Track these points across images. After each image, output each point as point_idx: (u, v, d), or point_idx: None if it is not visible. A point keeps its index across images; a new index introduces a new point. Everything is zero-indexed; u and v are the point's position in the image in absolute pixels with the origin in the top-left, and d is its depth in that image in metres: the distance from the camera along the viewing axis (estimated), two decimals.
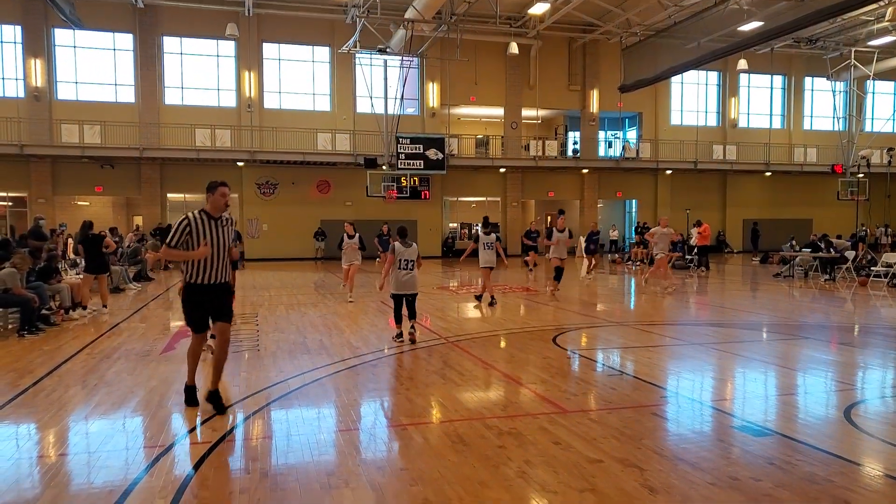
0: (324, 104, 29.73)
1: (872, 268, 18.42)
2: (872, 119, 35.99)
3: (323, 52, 29.53)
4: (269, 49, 28.91)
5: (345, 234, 13.45)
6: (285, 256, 28.69)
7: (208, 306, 5.61)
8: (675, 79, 31.79)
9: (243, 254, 12.03)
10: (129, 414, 5.65)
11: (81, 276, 12.38)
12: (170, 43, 27.85)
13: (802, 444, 4.76)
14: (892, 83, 36.07)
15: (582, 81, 32.18)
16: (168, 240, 5.49)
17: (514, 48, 27.79)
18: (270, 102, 28.97)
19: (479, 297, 13.78)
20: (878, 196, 32.40)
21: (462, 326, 10.50)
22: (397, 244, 8.67)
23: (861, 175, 31.07)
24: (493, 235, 13.08)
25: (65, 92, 26.85)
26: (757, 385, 6.92)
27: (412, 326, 8.97)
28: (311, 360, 7.75)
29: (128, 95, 27.41)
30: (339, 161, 28.51)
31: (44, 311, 10.29)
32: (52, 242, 15.26)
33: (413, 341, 8.77)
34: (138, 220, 28.51)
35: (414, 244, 8.77)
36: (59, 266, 12.63)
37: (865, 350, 8.64)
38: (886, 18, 25.81)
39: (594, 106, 32.30)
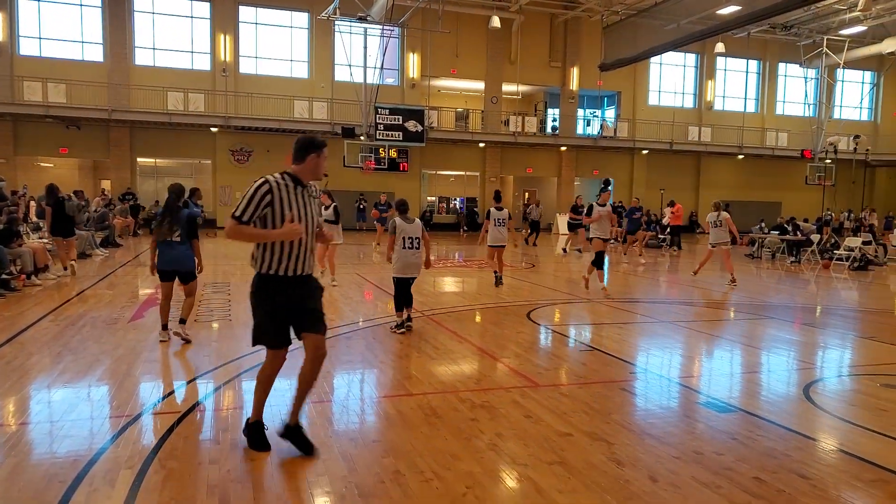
0: (301, 71, 29.21)
1: (836, 251, 18.87)
2: (841, 107, 36.57)
3: (301, 18, 28.93)
4: (245, 12, 28.23)
5: None
6: None
7: (293, 309, 4.10)
8: (654, 59, 31.86)
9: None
10: (95, 383, 5.57)
11: (47, 241, 12.10)
12: (141, 1, 27.01)
13: (764, 421, 4.89)
14: (861, 72, 36.62)
15: (563, 58, 32.06)
16: (238, 212, 3.94)
17: (495, 22, 27.55)
18: (246, 67, 28.38)
19: (498, 278, 12.06)
20: (844, 182, 33.10)
21: (437, 300, 10.52)
22: (398, 220, 7.64)
23: (829, 161, 31.68)
24: (506, 211, 11.90)
25: (28, 47, 25.95)
26: (723, 363, 7.07)
27: (409, 317, 7.95)
28: None
29: (95, 54, 26.61)
30: (316, 130, 28.12)
31: (4, 276, 9.97)
32: (12, 204, 14.86)
33: (410, 329, 7.85)
34: (106, 185, 27.89)
35: (417, 219, 7.80)
36: (21, 229, 12.31)
37: (825, 330, 8.88)
38: (858, 8, 26.16)
39: (574, 83, 32.26)
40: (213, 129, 27.51)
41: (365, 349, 7.01)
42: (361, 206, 28.99)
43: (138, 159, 27.89)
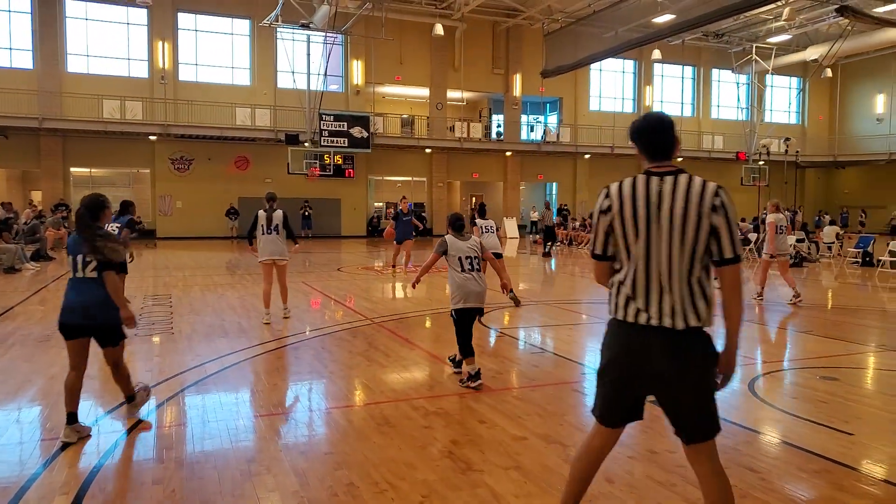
0: (243, 78, 28.66)
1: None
2: (771, 110, 38.17)
3: (243, 25, 28.40)
4: (184, 19, 27.51)
5: (259, 213, 8.65)
6: (200, 235, 27.62)
7: (646, 376, 2.73)
8: (595, 66, 32.56)
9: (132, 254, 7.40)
10: (26, 404, 5.27)
11: None
12: (73, 7, 26.01)
13: None
14: (788, 78, 38.31)
15: (505, 65, 32.43)
16: (593, 244, 2.84)
17: (439, 29, 27.65)
18: (186, 75, 27.63)
19: (514, 298, 10.53)
20: (777, 182, 34.46)
21: (387, 307, 10.42)
22: (450, 238, 5.91)
23: (762, 162, 32.97)
24: (492, 222, 10.93)
25: None
26: None
27: (457, 362, 6.18)
28: (230, 344, 7.48)
29: (24, 61, 25.45)
30: (259, 137, 27.62)
31: None
32: None
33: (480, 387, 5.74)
34: (36, 196, 26.67)
35: (473, 236, 6.12)
36: None
37: (766, 326, 9.18)
38: (783, 18, 27.48)
39: (517, 90, 32.65)
40: (152, 138, 26.68)
41: (313, 359, 6.86)
42: (306, 214, 28.60)
43: (72, 169, 26.78)
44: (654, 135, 2.74)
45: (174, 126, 26.23)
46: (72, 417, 4.42)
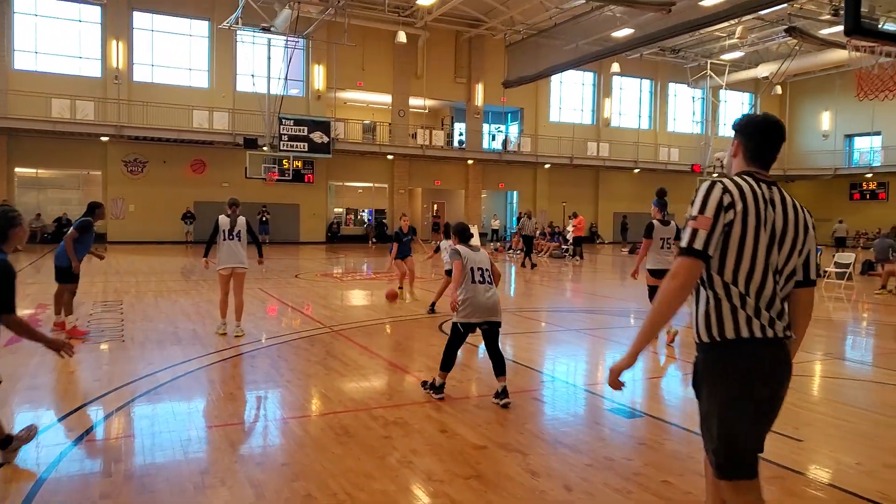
0: (201, 80, 28.13)
1: None
2: (725, 124, 39.28)
3: (201, 26, 27.90)
4: (140, 18, 26.89)
5: (220, 218, 8.16)
6: (154, 239, 26.94)
7: (779, 398, 2.55)
8: (555, 77, 33.00)
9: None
10: None
11: None
12: (22, 2, 25.16)
13: (668, 424, 5.08)
14: (741, 94, 39.53)
15: (468, 74, 32.63)
16: (688, 239, 2.41)
17: (401, 37, 27.66)
18: (141, 75, 26.99)
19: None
20: None
21: (347, 314, 10.31)
22: (461, 248, 5.65)
23: (716, 174, 33.90)
24: (449, 242, 9.44)
25: None
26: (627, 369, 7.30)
27: (504, 389, 5.45)
28: (183, 352, 7.29)
29: None
30: (217, 140, 27.13)
31: None
32: None
33: (507, 405, 5.38)
34: None
35: (482, 248, 5.94)
36: None
37: None
38: (736, 36, 28.46)
39: (479, 99, 32.87)
40: (104, 139, 25.94)
41: (270, 368, 6.73)
42: (264, 219, 28.20)
43: (17, 169, 25.84)
44: (777, 138, 2.57)
45: (128, 127, 25.56)
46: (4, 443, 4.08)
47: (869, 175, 34.69)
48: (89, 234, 8.07)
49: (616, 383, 2.54)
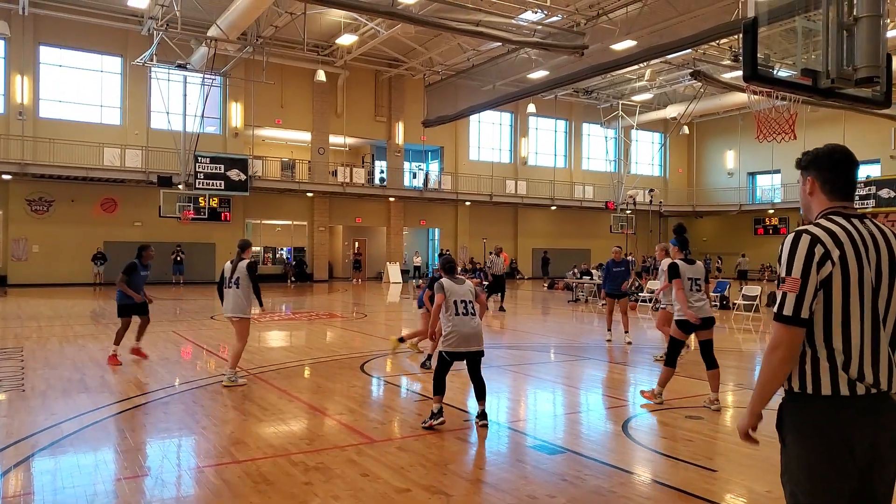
0: (113, 117, 27.15)
1: (640, 293, 20.93)
2: (637, 163, 41.34)
3: (114, 63, 27.05)
4: (47, 53, 25.81)
5: (226, 265, 8.18)
6: (59, 281, 25.44)
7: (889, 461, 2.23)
8: (474, 117, 33.88)
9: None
10: None
11: None
12: None
13: (589, 459, 5.20)
14: (651, 133, 41.78)
15: (388, 113, 33.00)
16: (778, 305, 2.26)
17: (321, 76, 27.74)
18: (48, 111, 25.80)
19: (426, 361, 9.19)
20: (643, 230, 37.08)
21: (264, 357, 10.03)
22: (446, 281, 6.10)
23: (629, 211, 35.48)
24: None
25: None
26: (547, 404, 7.46)
27: (483, 411, 6.11)
28: (91, 400, 6.90)
29: None
30: (129, 178, 26.13)
31: None
32: None
33: (485, 426, 6.03)
34: None
35: (467, 280, 6.30)
36: None
37: (636, 368, 9.73)
38: (645, 78, 30.19)
39: (399, 137, 33.24)
40: (6, 177, 24.51)
41: (184, 413, 6.47)
42: (178, 259, 27.23)
43: None
44: (853, 163, 2.31)
45: (32, 165, 24.28)
46: None
47: (771, 210, 37.04)
48: (137, 274, 9.25)
49: (750, 439, 2.39)
